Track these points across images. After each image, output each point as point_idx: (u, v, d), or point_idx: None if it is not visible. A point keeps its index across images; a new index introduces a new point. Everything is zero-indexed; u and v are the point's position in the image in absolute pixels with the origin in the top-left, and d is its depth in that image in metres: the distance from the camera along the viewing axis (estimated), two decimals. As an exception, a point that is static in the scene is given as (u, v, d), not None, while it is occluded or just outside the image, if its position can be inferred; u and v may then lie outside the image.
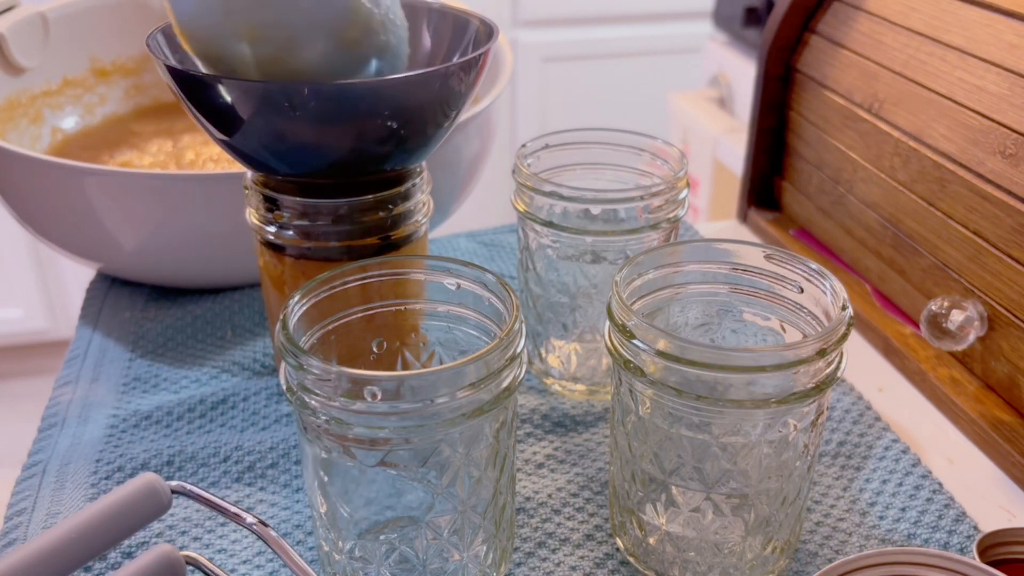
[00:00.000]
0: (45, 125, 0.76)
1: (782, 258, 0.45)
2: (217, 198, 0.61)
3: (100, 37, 0.82)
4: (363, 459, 0.40)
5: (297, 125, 0.45)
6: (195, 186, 0.61)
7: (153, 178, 0.61)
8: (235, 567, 0.46)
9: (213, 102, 0.45)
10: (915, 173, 0.60)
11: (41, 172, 0.62)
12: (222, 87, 0.44)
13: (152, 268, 0.67)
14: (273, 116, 0.45)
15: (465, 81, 0.48)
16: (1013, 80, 0.54)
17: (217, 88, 0.44)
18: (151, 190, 0.61)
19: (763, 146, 0.78)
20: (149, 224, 0.63)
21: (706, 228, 0.83)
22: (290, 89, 0.44)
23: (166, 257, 0.65)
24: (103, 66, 0.83)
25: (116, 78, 0.83)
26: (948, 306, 0.56)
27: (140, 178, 0.61)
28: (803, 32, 0.73)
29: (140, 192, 0.61)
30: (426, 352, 0.47)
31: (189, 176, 0.61)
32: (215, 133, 0.47)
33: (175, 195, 0.62)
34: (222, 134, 0.47)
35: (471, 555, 0.43)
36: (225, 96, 0.44)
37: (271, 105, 0.44)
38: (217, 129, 0.47)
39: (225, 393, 0.59)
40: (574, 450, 0.54)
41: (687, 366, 0.39)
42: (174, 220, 0.62)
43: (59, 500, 0.51)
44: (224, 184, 0.61)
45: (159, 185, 0.61)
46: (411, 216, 0.52)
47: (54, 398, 0.60)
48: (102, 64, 0.83)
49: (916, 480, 0.51)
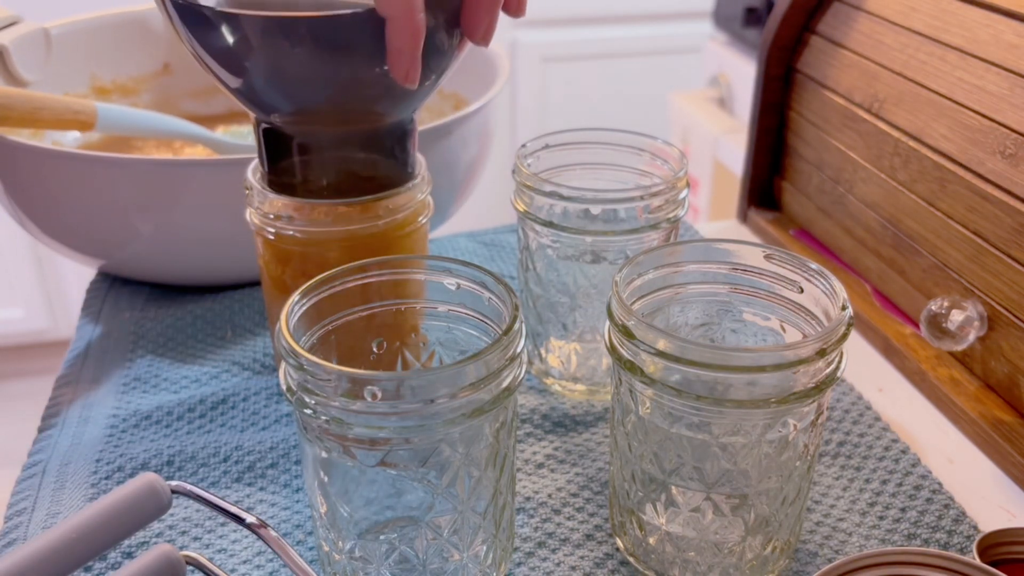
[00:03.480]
0: (46, 139, 0.76)
1: (782, 258, 0.45)
2: (223, 185, 0.62)
3: (101, 55, 0.83)
4: (363, 459, 0.40)
5: (291, 57, 0.45)
6: (201, 171, 0.62)
7: (158, 164, 0.62)
8: (235, 567, 0.46)
9: (218, 39, 0.45)
10: (915, 173, 0.60)
11: (45, 163, 0.62)
12: (226, 23, 0.44)
13: (156, 263, 0.67)
14: (269, 48, 0.45)
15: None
16: (1013, 80, 0.54)
17: (221, 24, 0.45)
18: (156, 176, 0.62)
19: (763, 146, 0.78)
20: (154, 215, 0.63)
21: (706, 228, 0.83)
22: (286, 21, 0.44)
23: (171, 250, 0.66)
24: (103, 84, 0.83)
25: (115, 97, 0.84)
26: (948, 306, 0.56)
27: (144, 164, 0.62)
28: (803, 32, 0.73)
29: (145, 179, 0.62)
30: (426, 352, 0.47)
31: (195, 162, 0.62)
32: (215, 67, 0.47)
33: (179, 181, 0.62)
34: (223, 68, 0.47)
35: (471, 555, 0.43)
36: (228, 32, 0.45)
37: (270, 37, 0.44)
38: (219, 63, 0.47)
39: (225, 393, 0.59)
40: (574, 450, 0.54)
41: (687, 366, 0.39)
42: (179, 209, 0.63)
43: (59, 500, 0.51)
44: (229, 170, 0.61)
45: (163, 171, 0.62)
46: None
47: (54, 398, 0.60)
48: (102, 82, 0.83)
49: (916, 480, 0.51)
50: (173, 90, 0.87)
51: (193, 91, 0.87)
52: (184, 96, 0.87)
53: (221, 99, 0.88)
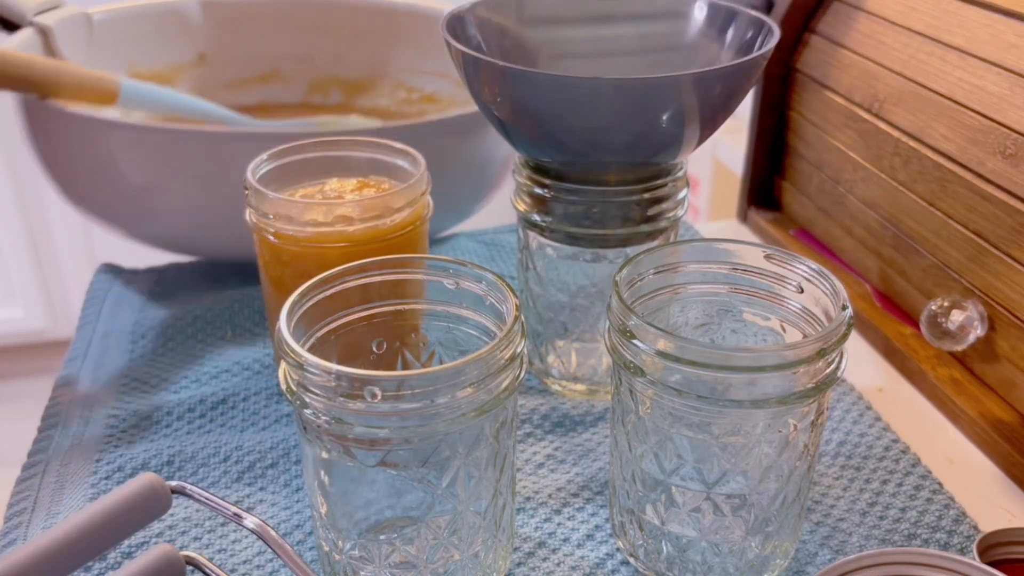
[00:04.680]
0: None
1: (782, 258, 0.45)
2: None
3: (139, 44, 0.84)
4: (363, 459, 0.40)
5: (592, 116, 0.47)
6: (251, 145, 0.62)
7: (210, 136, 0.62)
8: (235, 567, 0.46)
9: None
10: (915, 173, 0.60)
11: (94, 129, 0.63)
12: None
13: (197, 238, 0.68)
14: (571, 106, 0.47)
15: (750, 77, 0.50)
16: (1013, 80, 0.54)
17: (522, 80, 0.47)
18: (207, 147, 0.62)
19: (763, 146, 0.78)
20: (200, 185, 0.64)
21: (706, 228, 0.83)
22: (596, 83, 0.46)
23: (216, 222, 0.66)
24: (140, 72, 0.84)
25: None
26: (948, 306, 0.56)
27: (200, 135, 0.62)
28: (803, 32, 0.73)
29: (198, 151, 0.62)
30: (426, 352, 0.47)
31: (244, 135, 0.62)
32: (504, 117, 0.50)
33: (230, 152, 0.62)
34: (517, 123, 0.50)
35: (471, 555, 0.43)
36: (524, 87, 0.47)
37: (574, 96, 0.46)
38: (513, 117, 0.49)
39: (225, 393, 0.59)
40: (574, 450, 0.54)
41: (687, 366, 0.39)
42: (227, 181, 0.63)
43: (59, 500, 0.51)
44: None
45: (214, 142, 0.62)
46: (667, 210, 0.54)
47: (54, 398, 0.60)
48: (139, 70, 0.84)
49: (916, 480, 0.51)
50: (208, 81, 0.87)
51: (228, 82, 0.88)
52: (219, 87, 0.88)
53: (254, 90, 0.89)
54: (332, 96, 0.90)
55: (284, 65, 0.89)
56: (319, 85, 0.90)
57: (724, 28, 0.55)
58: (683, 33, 0.58)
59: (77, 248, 1.80)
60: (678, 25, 0.58)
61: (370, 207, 0.51)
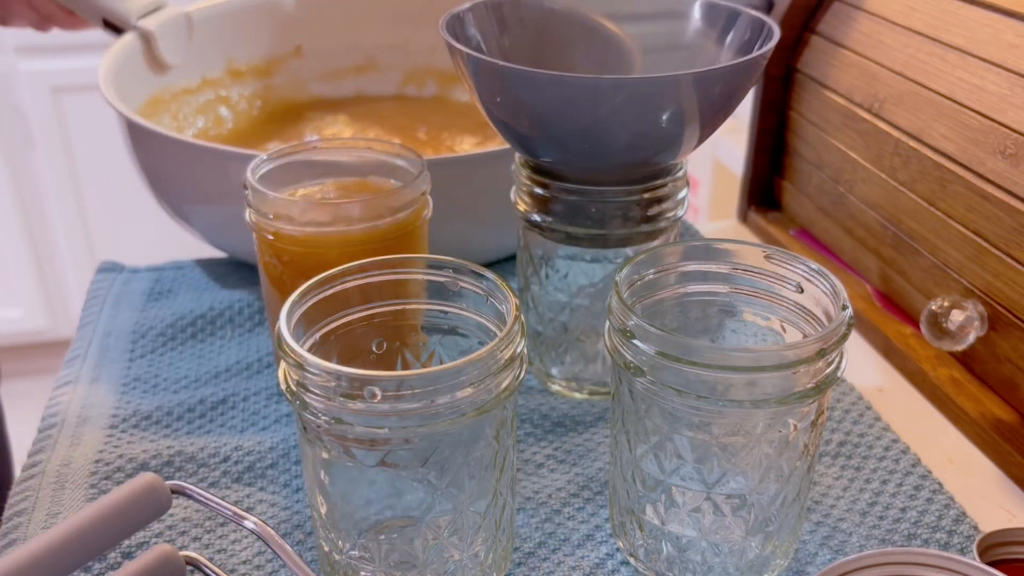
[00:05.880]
0: (189, 127, 0.79)
1: (782, 258, 0.45)
2: None
3: (237, 38, 0.85)
4: (363, 459, 0.40)
5: (592, 115, 0.47)
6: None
7: None
8: (235, 567, 0.46)
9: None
10: (915, 173, 0.60)
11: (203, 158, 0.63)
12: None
13: None
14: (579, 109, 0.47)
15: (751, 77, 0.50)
16: (1013, 80, 0.54)
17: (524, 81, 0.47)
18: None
19: (763, 146, 0.78)
20: None
21: (706, 228, 0.83)
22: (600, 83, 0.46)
23: None
24: (238, 67, 0.85)
25: (249, 79, 0.85)
26: (948, 306, 0.56)
27: None
28: (803, 32, 0.73)
29: None
30: (426, 352, 0.47)
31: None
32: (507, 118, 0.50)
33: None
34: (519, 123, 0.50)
35: (471, 555, 0.43)
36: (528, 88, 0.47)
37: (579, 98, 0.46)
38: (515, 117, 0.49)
39: (225, 393, 0.59)
40: (574, 450, 0.54)
41: (687, 366, 0.39)
42: None
43: (59, 500, 0.51)
44: None
45: None
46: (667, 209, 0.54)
47: (54, 398, 0.60)
48: (237, 65, 0.85)
49: (916, 480, 0.51)
50: (304, 72, 0.88)
51: (323, 73, 0.89)
52: (314, 79, 0.89)
53: (350, 82, 0.90)
54: (427, 87, 0.90)
55: (379, 56, 0.90)
56: (414, 76, 0.90)
57: (724, 28, 0.55)
58: (683, 33, 0.58)
59: (77, 248, 1.80)
60: (678, 25, 0.58)
61: (370, 207, 0.51)
